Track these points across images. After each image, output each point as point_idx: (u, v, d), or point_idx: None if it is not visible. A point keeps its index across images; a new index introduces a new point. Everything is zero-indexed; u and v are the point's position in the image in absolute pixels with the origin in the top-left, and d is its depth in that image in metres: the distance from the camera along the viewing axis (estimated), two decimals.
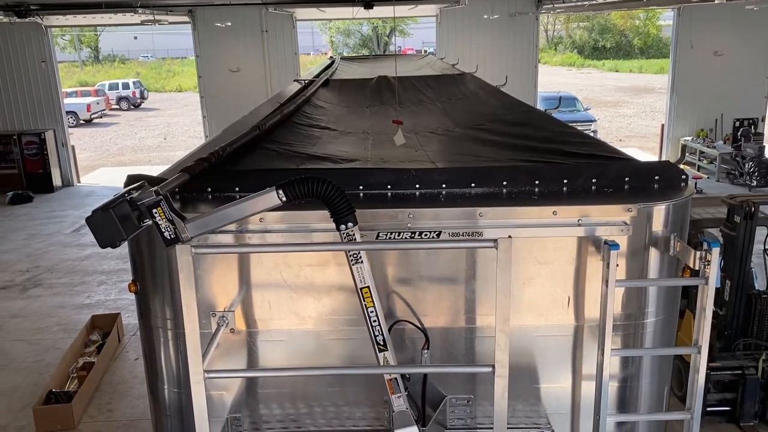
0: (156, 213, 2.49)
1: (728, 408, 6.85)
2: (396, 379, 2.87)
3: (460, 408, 3.21)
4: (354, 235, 2.71)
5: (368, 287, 2.78)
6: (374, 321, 2.82)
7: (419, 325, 3.06)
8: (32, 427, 7.13)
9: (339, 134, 4.93)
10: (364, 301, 2.79)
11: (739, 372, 6.71)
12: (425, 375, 3.13)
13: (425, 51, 33.37)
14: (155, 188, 2.54)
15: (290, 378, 3.22)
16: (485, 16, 17.96)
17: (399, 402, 2.86)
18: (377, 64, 11.62)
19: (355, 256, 2.73)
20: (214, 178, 3.24)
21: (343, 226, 2.71)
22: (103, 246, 2.47)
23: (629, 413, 3.26)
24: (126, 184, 3.20)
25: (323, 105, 6.23)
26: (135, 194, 2.51)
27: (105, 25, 42.73)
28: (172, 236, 2.52)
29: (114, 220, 2.42)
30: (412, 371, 3.02)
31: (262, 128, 4.27)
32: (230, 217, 2.66)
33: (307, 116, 5.45)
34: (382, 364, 2.87)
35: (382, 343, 2.85)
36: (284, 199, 2.64)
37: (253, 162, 3.75)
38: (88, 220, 2.44)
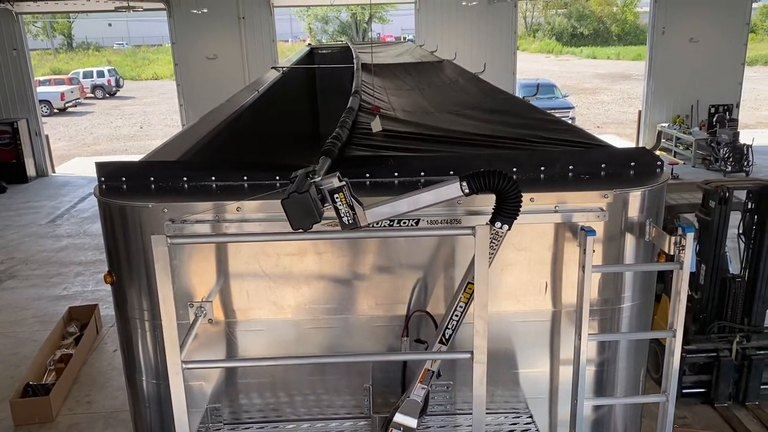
0: (338, 198, 2.50)
1: (703, 390, 6.98)
2: (432, 371, 2.86)
3: (439, 394, 3.24)
4: (502, 237, 2.68)
5: (474, 284, 2.72)
6: (456, 315, 2.79)
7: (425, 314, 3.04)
8: (9, 421, 7.04)
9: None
10: (462, 293, 2.76)
11: (714, 354, 6.84)
12: (405, 362, 3.14)
13: (404, 38, 33.24)
14: (337, 174, 2.54)
15: (270, 367, 3.21)
16: (464, 3, 17.92)
17: (419, 392, 2.85)
18: (382, 49, 11.82)
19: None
20: (367, 163, 3.21)
21: (498, 224, 2.66)
22: (295, 228, 2.44)
23: (606, 396, 3.31)
24: (97, 173, 3.17)
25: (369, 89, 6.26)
26: (317, 179, 2.51)
27: (78, 12, 41.97)
28: (351, 221, 2.53)
29: (310, 203, 2.43)
30: (390, 358, 3.03)
31: (352, 113, 4.28)
32: (410, 206, 2.65)
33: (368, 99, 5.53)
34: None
35: (447, 337, 2.82)
36: (467, 191, 2.61)
37: (365, 147, 3.70)
38: (284, 202, 2.41)
